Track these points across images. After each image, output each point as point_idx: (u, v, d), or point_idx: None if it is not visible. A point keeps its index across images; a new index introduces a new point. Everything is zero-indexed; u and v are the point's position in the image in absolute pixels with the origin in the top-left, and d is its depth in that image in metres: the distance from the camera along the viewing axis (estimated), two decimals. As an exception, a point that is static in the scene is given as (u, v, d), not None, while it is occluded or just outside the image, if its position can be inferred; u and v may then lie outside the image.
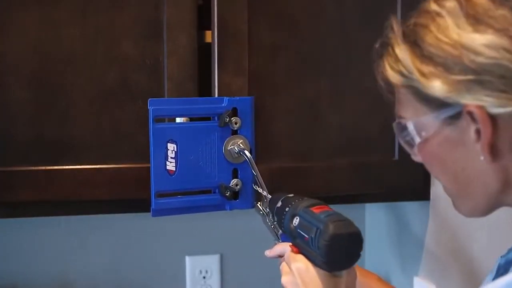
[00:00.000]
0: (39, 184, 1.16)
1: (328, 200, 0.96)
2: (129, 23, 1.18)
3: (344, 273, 0.89)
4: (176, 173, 1.08)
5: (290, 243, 0.95)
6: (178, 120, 1.14)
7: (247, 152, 1.10)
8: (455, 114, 0.70)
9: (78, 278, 1.55)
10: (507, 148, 0.70)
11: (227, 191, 1.11)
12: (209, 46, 1.22)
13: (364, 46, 1.30)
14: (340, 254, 0.86)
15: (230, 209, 1.13)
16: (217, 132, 1.10)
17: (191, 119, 1.15)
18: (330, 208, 0.91)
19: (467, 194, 0.76)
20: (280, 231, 1.05)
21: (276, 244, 1.08)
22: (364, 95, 1.29)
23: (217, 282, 1.63)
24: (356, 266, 1.13)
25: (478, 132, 0.69)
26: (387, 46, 0.76)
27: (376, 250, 1.69)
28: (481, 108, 0.68)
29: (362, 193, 1.37)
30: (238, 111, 1.12)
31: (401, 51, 0.73)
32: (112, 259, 1.57)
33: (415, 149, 0.77)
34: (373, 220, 1.70)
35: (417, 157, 0.78)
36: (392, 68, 0.74)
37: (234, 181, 1.12)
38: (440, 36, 0.70)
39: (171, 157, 1.07)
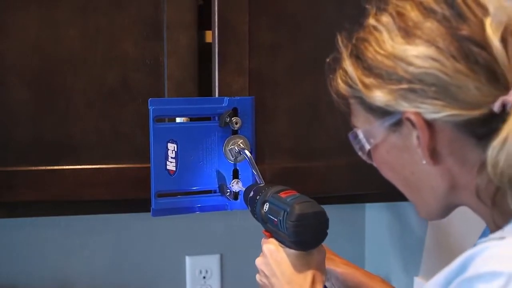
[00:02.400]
0: (39, 184, 1.16)
1: (328, 200, 0.97)
2: (129, 23, 1.18)
3: (314, 251, 0.93)
4: (176, 173, 1.08)
5: (263, 229, 1.00)
6: (178, 120, 1.14)
7: (247, 152, 1.10)
8: (397, 121, 0.75)
9: (78, 278, 1.55)
10: (446, 151, 0.74)
11: (228, 191, 1.11)
12: (209, 46, 1.22)
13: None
14: (307, 233, 0.91)
15: (231, 209, 1.13)
16: (217, 132, 1.10)
17: (191, 119, 1.15)
18: (297, 193, 0.96)
19: (419, 197, 0.80)
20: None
21: None
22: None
23: (217, 282, 1.63)
24: (361, 269, 1.14)
25: (418, 138, 0.74)
26: (338, 60, 0.81)
27: (376, 250, 1.69)
28: (418, 114, 0.72)
29: (362, 193, 1.37)
30: (239, 111, 1.12)
31: (347, 64, 0.78)
32: (112, 259, 1.57)
33: (369, 156, 0.82)
34: (373, 220, 1.70)
35: (374, 163, 0.83)
36: (342, 80, 0.79)
37: (234, 181, 1.12)
38: (378, 49, 0.75)
39: (171, 157, 1.07)
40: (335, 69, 0.81)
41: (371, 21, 0.77)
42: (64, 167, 1.17)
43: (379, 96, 0.74)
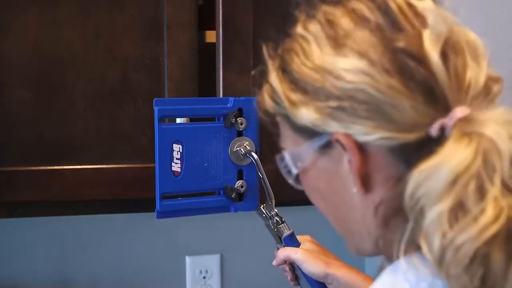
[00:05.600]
0: (39, 184, 1.16)
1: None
2: (129, 23, 1.18)
3: None
4: (181, 174, 1.06)
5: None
6: (178, 120, 1.13)
7: (254, 155, 1.08)
8: (327, 143, 0.66)
9: (78, 278, 1.55)
10: (379, 179, 0.65)
11: (233, 193, 1.09)
12: (209, 46, 1.22)
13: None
14: None
15: (235, 211, 1.11)
16: (222, 133, 1.08)
17: (191, 120, 1.14)
18: None
19: (350, 230, 0.71)
20: (284, 234, 1.05)
21: (278, 249, 1.07)
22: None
23: (217, 282, 1.63)
24: (362, 273, 1.12)
25: (350, 161, 0.65)
26: (265, 74, 0.72)
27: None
28: (348, 136, 0.64)
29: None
30: (244, 111, 1.10)
31: (274, 78, 0.70)
32: (112, 259, 1.57)
33: (297, 181, 0.73)
34: (373, 220, 1.69)
35: (302, 188, 0.74)
36: (269, 96, 0.71)
37: (239, 182, 1.10)
38: (305, 61, 0.67)
39: (176, 158, 1.05)
40: (261, 84, 0.72)
41: (299, 29, 0.69)
42: (64, 167, 1.17)
43: (305, 115, 0.65)
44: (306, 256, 1.03)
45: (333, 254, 1.11)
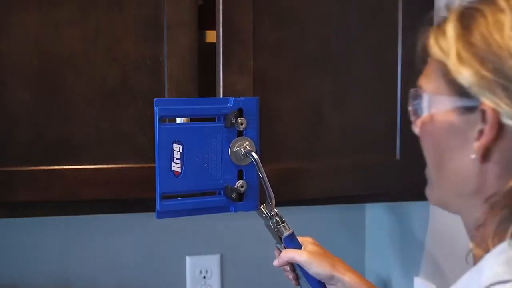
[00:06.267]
0: (39, 184, 1.15)
1: (332, 200, 0.96)
2: (129, 23, 1.18)
3: None
4: (181, 174, 1.06)
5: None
6: (178, 120, 1.13)
7: (254, 155, 1.08)
8: (470, 107, 0.71)
9: (78, 278, 1.55)
10: (498, 157, 0.71)
11: (233, 193, 1.09)
12: (210, 46, 1.22)
13: (366, 46, 1.31)
14: None
15: (235, 211, 1.12)
16: (222, 132, 1.08)
17: (191, 119, 1.14)
18: None
19: (443, 184, 0.77)
20: (284, 234, 1.05)
21: (278, 250, 1.07)
22: (367, 95, 1.28)
23: (217, 282, 1.63)
24: (366, 280, 1.12)
25: (481, 132, 0.70)
26: (442, 18, 0.76)
27: (377, 250, 1.69)
28: (496, 112, 0.68)
29: (363, 194, 1.37)
30: (244, 111, 1.10)
31: (451, 28, 0.73)
32: (112, 259, 1.57)
33: (419, 121, 0.78)
34: (374, 220, 1.70)
35: (416, 129, 0.79)
36: (436, 39, 0.74)
37: (239, 182, 1.10)
38: (494, 32, 0.69)
39: (176, 158, 1.06)
40: (432, 25, 0.76)
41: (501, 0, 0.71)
42: (64, 167, 1.16)
43: (467, 75, 0.69)
44: (311, 258, 1.04)
45: (337, 257, 1.11)
